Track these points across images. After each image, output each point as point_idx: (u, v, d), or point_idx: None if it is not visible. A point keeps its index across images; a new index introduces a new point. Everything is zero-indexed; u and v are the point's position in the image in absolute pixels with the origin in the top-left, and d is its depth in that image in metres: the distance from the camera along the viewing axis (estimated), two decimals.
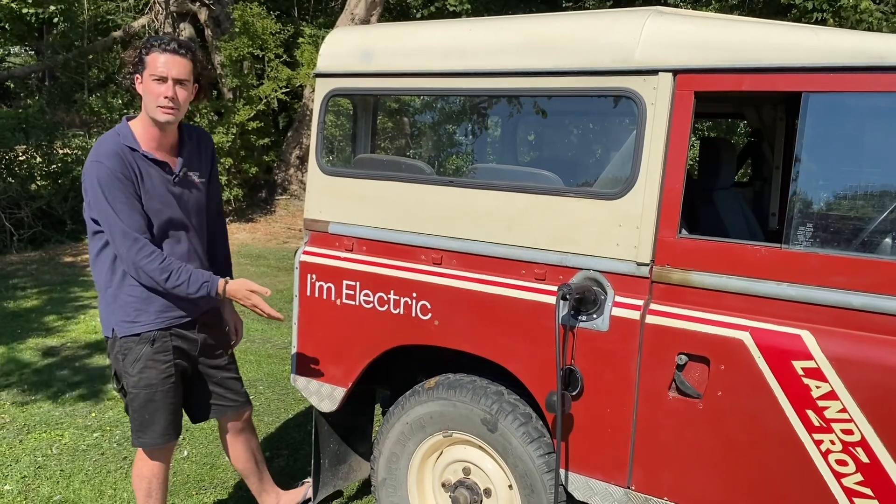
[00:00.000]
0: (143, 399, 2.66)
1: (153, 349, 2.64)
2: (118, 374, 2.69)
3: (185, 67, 2.55)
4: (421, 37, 2.68)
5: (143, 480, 2.80)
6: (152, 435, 2.70)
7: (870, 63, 1.90)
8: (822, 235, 2.00)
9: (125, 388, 2.68)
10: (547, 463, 2.44)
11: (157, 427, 2.70)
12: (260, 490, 3.13)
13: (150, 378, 2.65)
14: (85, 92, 12.39)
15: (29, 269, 8.15)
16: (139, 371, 2.64)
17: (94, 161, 2.51)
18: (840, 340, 1.93)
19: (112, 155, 2.50)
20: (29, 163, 9.75)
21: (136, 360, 2.63)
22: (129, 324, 2.62)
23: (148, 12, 12.27)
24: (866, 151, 2.14)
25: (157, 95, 2.52)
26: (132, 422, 2.72)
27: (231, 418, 2.96)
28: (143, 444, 2.73)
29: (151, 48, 2.54)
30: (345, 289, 2.77)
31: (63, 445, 3.94)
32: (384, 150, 5.07)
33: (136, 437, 2.73)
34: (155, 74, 2.52)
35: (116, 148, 2.52)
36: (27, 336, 5.78)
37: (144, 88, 2.55)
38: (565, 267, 2.33)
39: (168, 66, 2.52)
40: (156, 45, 2.54)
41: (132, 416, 2.71)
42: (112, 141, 2.55)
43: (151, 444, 2.73)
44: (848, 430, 1.92)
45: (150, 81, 2.53)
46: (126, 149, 2.54)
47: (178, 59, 2.54)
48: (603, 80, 2.26)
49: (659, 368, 2.17)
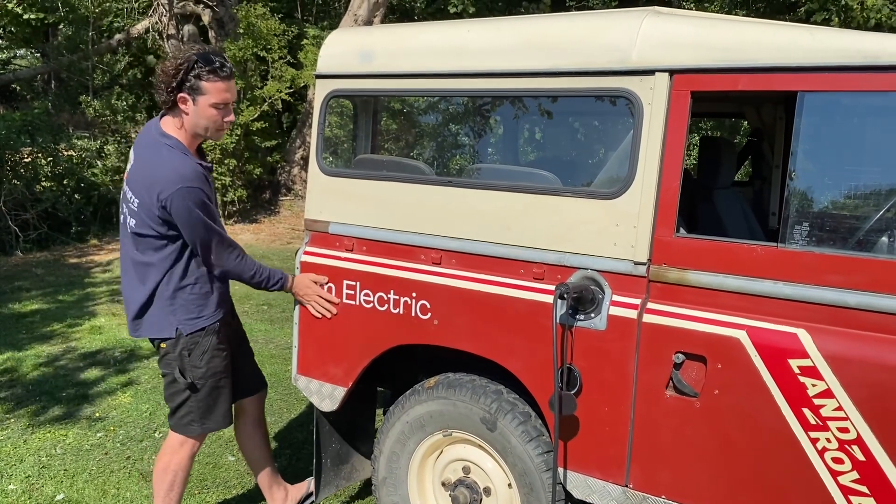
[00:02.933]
0: (210, 387, 2.81)
1: (217, 339, 2.80)
2: (182, 369, 2.77)
3: (236, 89, 2.70)
4: (420, 38, 2.69)
5: (168, 473, 2.87)
6: (216, 419, 2.86)
7: (865, 62, 1.90)
8: (819, 234, 2.01)
9: (193, 382, 2.77)
10: (546, 461, 2.45)
11: (221, 409, 2.86)
12: (271, 483, 3.19)
13: (216, 366, 2.81)
14: (90, 94, 12.44)
15: (34, 270, 8.19)
16: (207, 362, 2.78)
17: (185, 187, 2.56)
18: (836, 339, 1.94)
19: (197, 177, 2.61)
20: (34, 165, 9.80)
21: (204, 352, 2.77)
22: (193, 320, 2.76)
23: (152, 14, 12.32)
24: (862, 150, 2.14)
25: (220, 119, 2.65)
26: (194, 412, 2.82)
27: (255, 400, 3.11)
28: (207, 428, 2.86)
29: (208, 75, 2.57)
30: (345, 289, 2.78)
31: (67, 445, 3.97)
32: (385, 151, 5.09)
33: (199, 424, 2.84)
34: (220, 103, 2.62)
35: (194, 167, 2.62)
36: (32, 337, 5.81)
37: (201, 112, 2.62)
38: (563, 266, 2.34)
39: (231, 94, 2.64)
40: (211, 70, 2.57)
41: (195, 405, 2.81)
42: (188, 162, 2.63)
43: (216, 428, 2.89)
44: (844, 429, 1.93)
45: (209, 107, 2.61)
46: (198, 166, 2.65)
47: (233, 84, 2.66)
48: (600, 81, 2.27)
49: (656, 367, 2.18)
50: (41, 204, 9.41)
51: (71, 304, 6.86)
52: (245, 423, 3.11)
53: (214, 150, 10.23)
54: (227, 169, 10.68)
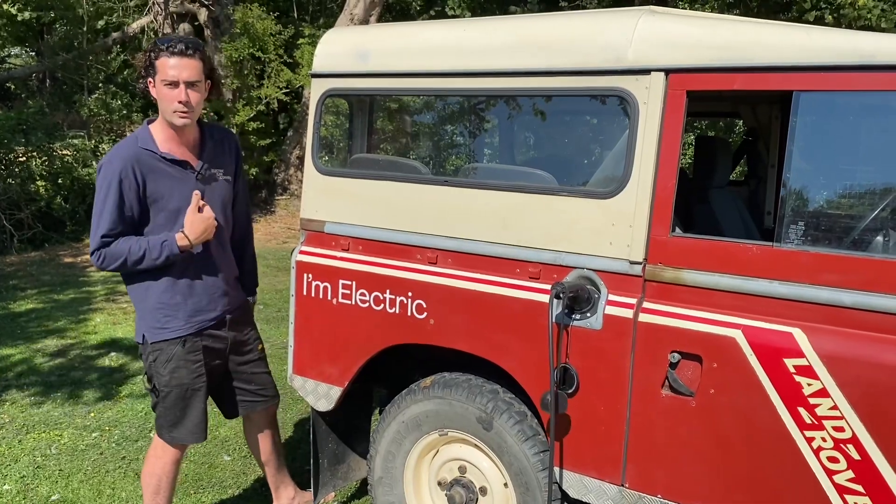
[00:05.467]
0: (175, 397, 2.73)
1: (184, 350, 2.72)
2: (149, 374, 2.75)
3: (195, 68, 2.56)
4: (417, 37, 2.69)
5: (153, 478, 2.85)
6: (184, 432, 2.79)
7: (860, 62, 1.90)
8: (814, 233, 2.01)
9: (157, 387, 2.74)
10: (542, 461, 2.44)
11: (189, 424, 2.78)
12: (278, 483, 3.17)
13: (181, 377, 2.73)
14: (85, 93, 12.41)
15: (29, 269, 8.17)
16: (171, 371, 2.72)
17: (105, 164, 2.59)
18: (831, 338, 1.94)
19: (127, 158, 2.57)
20: (29, 164, 9.78)
21: (168, 360, 2.71)
22: (158, 330, 2.70)
23: (147, 13, 12.29)
24: (857, 150, 2.14)
25: (171, 101, 2.55)
26: (162, 418, 2.79)
27: (260, 413, 3.03)
28: (175, 437, 2.79)
29: (160, 52, 2.54)
30: (341, 288, 2.78)
31: (62, 445, 3.95)
32: (381, 150, 5.08)
33: (168, 431, 2.79)
34: (166, 80, 2.53)
35: (132, 151, 2.58)
36: (27, 336, 5.80)
37: (158, 94, 2.58)
38: (559, 266, 2.34)
39: (179, 70, 2.53)
40: (163, 48, 2.54)
41: (163, 412, 2.78)
42: (129, 144, 2.61)
43: (185, 440, 2.81)
44: (839, 428, 1.93)
45: (163, 87, 2.55)
46: (142, 151, 2.59)
47: (186, 60, 2.54)
48: (596, 80, 2.27)
49: (652, 366, 2.18)
50: (36, 203, 9.39)
51: (66, 303, 6.84)
52: (251, 432, 3.09)
53: None
54: None
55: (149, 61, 2.57)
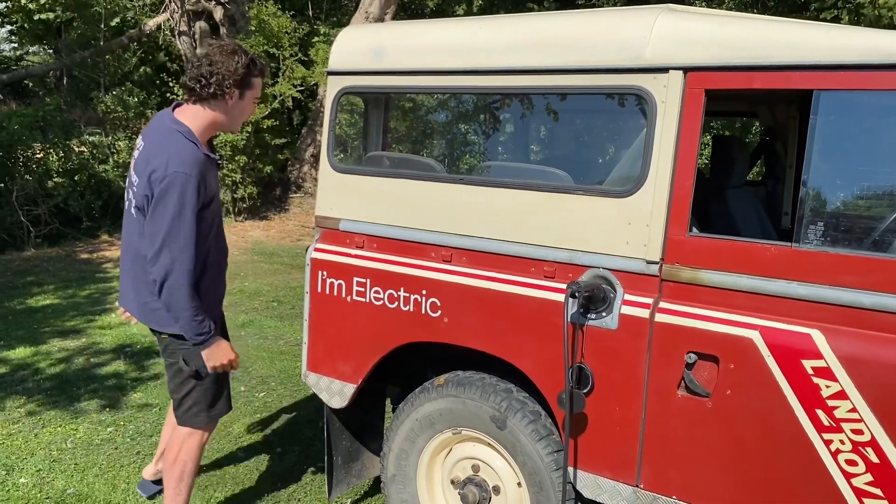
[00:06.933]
0: (215, 374, 2.86)
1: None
2: (187, 360, 2.80)
3: None
4: (432, 35, 2.68)
5: (178, 464, 2.90)
6: (222, 404, 2.95)
7: (882, 61, 1.88)
8: (833, 234, 1.99)
9: (198, 370, 2.82)
10: (555, 461, 2.44)
11: (226, 394, 2.96)
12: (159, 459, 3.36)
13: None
14: (101, 90, 12.48)
15: (46, 265, 8.23)
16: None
17: (178, 171, 2.55)
18: (850, 340, 1.92)
19: (196, 165, 2.61)
20: (46, 160, 9.85)
21: None
22: None
23: (163, 11, 12.35)
24: (878, 150, 2.12)
25: (249, 115, 2.84)
26: (199, 402, 2.87)
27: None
28: (214, 416, 2.93)
29: (258, 72, 2.76)
30: (355, 286, 2.78)
31: (77, 440, 3.98)
32: (395, 148, 5.08)
33: (206, 412, 2.89)
34: (258, 97, 2.83)
35: (197, 155, 2.64)
36: (43, 332, 5.84)
37: (242, 106, 2.77)
38: (575, 265, 2.33)
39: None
40: (261, 69, 2.77)
41: (201, 394, 2.86)
42: (192, 149, 2.64)
43: (221, 413, 2.97)
44: (858, 430, 1.91)
45: (251, 102, 2.79)
46: (200, 153, 2.66)
47: None
48: (613, 78, 2.25)
49: (668, 367, 2.16)
50: (52, 199, 9.46)
51: (83, 299, 6.89)
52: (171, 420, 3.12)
53: (225, 146, 10.26)
54: (238, 166, 10.70)
55: (247, 77, 2.71)
